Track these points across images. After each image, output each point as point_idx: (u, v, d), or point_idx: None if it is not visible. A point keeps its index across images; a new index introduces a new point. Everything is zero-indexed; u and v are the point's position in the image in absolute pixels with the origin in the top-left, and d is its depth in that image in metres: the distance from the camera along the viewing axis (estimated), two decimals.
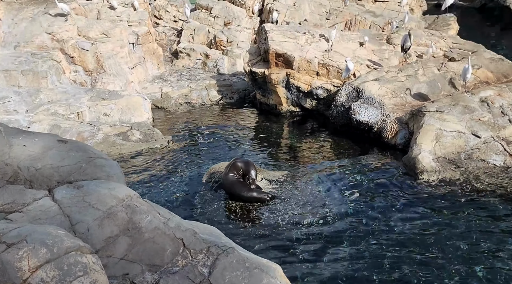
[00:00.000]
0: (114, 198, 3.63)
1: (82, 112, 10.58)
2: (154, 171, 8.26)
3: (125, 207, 3.55)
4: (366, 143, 9.25)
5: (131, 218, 3.46)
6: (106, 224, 3.40)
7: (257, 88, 12.88)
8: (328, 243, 5.47)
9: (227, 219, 6.20)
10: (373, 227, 5.78)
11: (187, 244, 3.33)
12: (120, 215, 3.47)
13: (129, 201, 3.63)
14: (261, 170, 7.66)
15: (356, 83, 9.93)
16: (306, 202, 6.53)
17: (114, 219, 3.44)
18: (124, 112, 10.85)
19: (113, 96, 11.12)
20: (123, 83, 12.96)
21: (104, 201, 3.58)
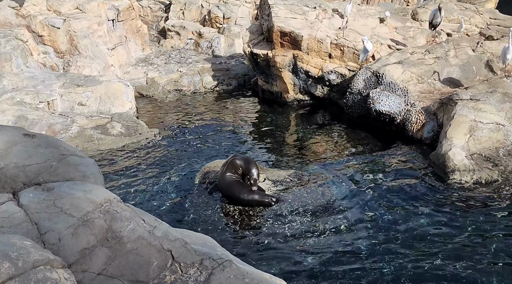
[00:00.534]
0: (90, 202, 3.60)
1: (53, 101, 10.55)
2: (138, 171, 8.26)
3: (104, 213, 3.53)
4: (387, 137, 9.24)
5: (111, 225, 3.44)
6: (81, 233, 3.38)
7: (259, 73, 12.86)
8: (342, 256, 5.45)
9: (223, 226, 6.19)
10: (395, 238, 5.77)
11: (177, 256, 3.31)
12: (97, 223, 3.45)
13: (108, 206, 3.60)
14: (264, 169, 7.65)
15: (375, 67, 9.90)
16: (317, 206, 6.53)
17: (91, 227, 3.42)
18: (102, 102, 10.83)
19: (90, 83, 11.09)
20: (101, 67, 12.94)
21: (79, 205, 3.56)
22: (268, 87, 12.71)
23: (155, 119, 11.75)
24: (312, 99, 12.05)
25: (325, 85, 11.58)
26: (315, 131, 10.33)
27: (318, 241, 5.74)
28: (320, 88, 11.71)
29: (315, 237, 5.82)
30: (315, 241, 5.73)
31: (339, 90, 11.45)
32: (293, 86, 11.99)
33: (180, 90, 13.92)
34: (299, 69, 11.62)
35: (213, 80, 14.25)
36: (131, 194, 7.27)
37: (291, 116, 11.79)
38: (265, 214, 6.39)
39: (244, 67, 14.68)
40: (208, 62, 14.94)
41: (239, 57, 15.39)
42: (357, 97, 9.95)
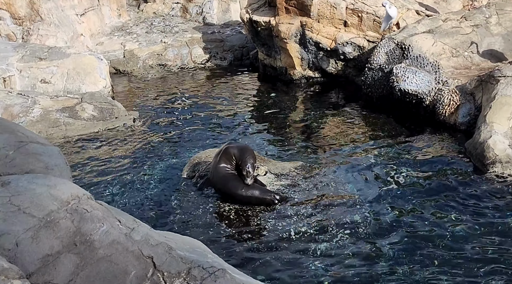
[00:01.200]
0: (55, 200, 3.56)
1: (10, 77, 10.49)
2: (114, 162, 8.25)
3: (71, 212, 3.50)
4: (413, 121, 9.23)
5: (79, 228, 3.42)
6: (44, 237, 3.34)
7: (259, 45, 12.80)
8: (358, 263, 5.45)
9: (216, 229, 6.17)
10: (422, 241, 5.76)
11: (159, 264, 3.29)
12: (63, 224, 3.42)
13: (76, 204, 3.57)
14: (265, 159, 7.64)
15: (400, 37, 9.85)
16: (329, 205, 6.51)
17: (55, 229, 3.38)
18: (70, 79, 10.79)
19: (55, 56, 11.03)
20: (68, 36, 12.87)
21: (41, 203, 3.52)
22: (271, 62, 12.65)
23: (134, 100, 11.71)
24: (323, 76, 12.01)
25: (339, 59, 11.53)
26: (327, 115, 10.30)
27: (330, 246, 5.73)
28: (333, 63, 11.66)
29: (326, 242, 5.81)
30: (327, 246, 5.73)
31: (356, 66, 11.39)
32: (301, 61, 11.94)
33: (165, 65, 13.85)
34: (308, 40, 11.56)
35: (204, 54, 14.18)
36: (104, 190, 7.25)
37: (297, 97, 11.74)
38: (266, 214, 6.38)
39: (242, 37, 14.59)
40: (198, 31, 14.86)
41: (235, 26, 15.30)
42: (378, 74, 9.92)
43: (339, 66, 11.65)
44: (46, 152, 4.32)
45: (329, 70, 11.77)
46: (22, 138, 4.39)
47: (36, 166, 4.11)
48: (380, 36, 10.84)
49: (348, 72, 11.61)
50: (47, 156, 4.27)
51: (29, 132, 4.59)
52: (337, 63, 11.63)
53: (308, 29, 11.48)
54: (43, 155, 4.26)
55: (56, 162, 4.23)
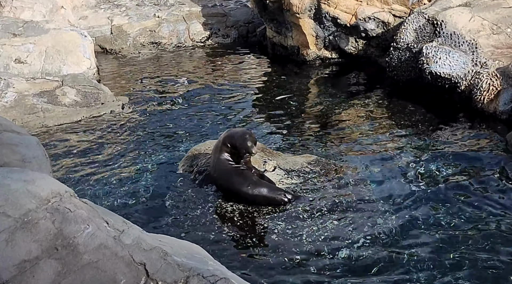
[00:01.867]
0: (33, 197, 3.59)
1: None
2: (100, 154, 8.30)
3: (51, 211, 3.52)
4: (446, 109, 9.25)
5: (61, 229, 3.43)
6: (20, 240, 3.36)
7: (267, 20, 12.78)
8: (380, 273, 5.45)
9: (218, 232, 6.18)
10: (454, 248, 5.74)
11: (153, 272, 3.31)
12: (42, 225, 3.44)
13: (57, 202, 3.59)
14: (274, 153, 7.65)
15: (431, 11, 9.83)
16: (347, 206, 6.53)
17: (33, 231, 3.41)
18: (49, 58, 10.83)
19: (32, 31, 11.09)
20: (47, 9, 12.90)
21: (17, 201, 3.54)
22: (281, 40, 12.64)
23: (123, 84, 11.73)
24: (341, 57, 12.00)
25: (360, 37, 11.52)
26: (345, 102, 10.31)
27: (348, 252, 5.74)
28: (352, 41, 11.65)
29: (344, 247, 5.82)
30: (344, 252, 5.74)
31: (379, 45, 11.37)
32: (315, 39, 11.93)
33: (158, 43, 13.87)
34: (324, 15, 11.55)
35: (204, 30, 14.17)
36: (89, 187, 7.28)
37: (312, 80, 11.73)
38: (275, 215, 6.39)
39: (248, 12, 14.58)
40: (197, 4, 14.85)
41: None
42: (405, 55, 9.92)
43: (360, 46, 11.63)
44: (22, 142, 4.34)
45: (348, 49, 11.75)
46: None
47: (11, 158, 4.14)
48: (408, 10, 10.80)
49: (370, 52, 11.58)
50: (24, 146, 4.29)
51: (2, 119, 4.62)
52: (358, 41, 11.61)
53: (324, 2, 11.45)
54: (19, 145, 4.28)
55: (34, 154, 4.26)
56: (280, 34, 12.62)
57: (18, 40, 10.84)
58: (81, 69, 10.90)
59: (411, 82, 9.87)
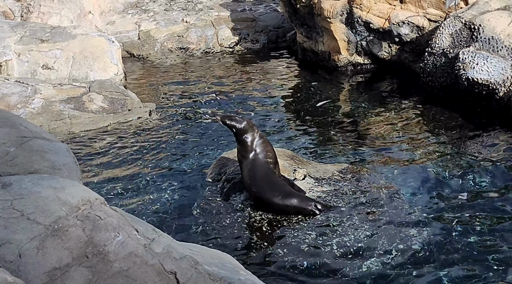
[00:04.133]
0: (63, 205, 3.61)
1: (7, 62, 10.72)
2: (126, 162, 8.36)
3: (82, 219, 3.55)
4: (483, 117, 9.16)
5: (92, 237, 3.46)
6: (51, 247, 3.38)
7: (298, 25, 12.79)
8: None
9: (246, 241, 6.22)
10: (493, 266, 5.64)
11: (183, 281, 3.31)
12: (73, 233, 3.46)
13: (87, 210, 3.62)
14: (304, 161, 7.66)
15: (468, 15, 9.76)
16: (379, 216, 6.50)
17: (64, 238, 3.43)
18: (77, 64, 10.95)
19: (59, 37, 11.21)
20: (74, 14, 13.06)
21: (47, 209, 3.57)
22: (311, 45, 12.63)
23: (150, 90, 11.82)
24: (373, 62, 11.93)
25: (394, 42, 11.45)
26: (378, 109, 10.27)
27: (380, 265, 5.70)
28: (386, 47, 11.58)
29: (375, 259, 5.78)
30: (376, 265, 5.71)
31: (413, 50, 11.29)
32: (347, 44, 11.89)
33: (186, 49, 13.94)
34: (356, 20, 11.52)
35: (232, 35, 14.21)
36: (116, 195, 7.36)
37: (343, 87, 11.70)
38: (305, 225, 6.39)
39: (277, 16, 14.59)
40: (225, 8, 14.91)
41: (270, 2, 15.31)
42: (441, 60, 9.85)
43: (393, 51, 11.55)
44: (52, 148, 4.38)
45: (381, 55, 11.69)
46: (25, 133, 4.47)
47: (41, 165, 4.17)
48: (444, 14, 10.72)
49: (403, 57, 11.50)
50: (54, 153, 4.33)
51: (32, 126, 4.68)
52: (391, 47, 11.54)
53: (356, 6, 11.41)
54: (49, 152, 4.32)
55: (64, 161, 4.29)
56: (310, 39, 12.61)
57: (46, 46, 10.98)
58: (108, 75, 10.99)
59: (447, 89, 9.78)
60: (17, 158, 4.19)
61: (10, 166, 4.12)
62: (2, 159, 4.16)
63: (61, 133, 9.18)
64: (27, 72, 10.72)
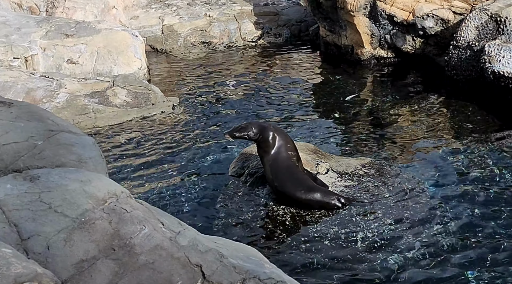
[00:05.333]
0: (89, 198, 3.65)
1: (33, 57, 10.80)
2: (150, 156, 8.43)
3: (108, 212, 3.59)
4: (509, 111, 9.07)
5: (118, 230, 3.49)
6: (78, 240, 3.43)
7: (321, 19, 12.75)
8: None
9: (269, 235, 6.24)
10: None
11: (209, 274, 3.34)
12: (99, 225, 3.50)
13: (114, 203, 3.66)
14: (327, 155, 7.65)
15: (495, 7, 9.70)
16: (402, 210, 6.48)
17: (91, 231, 3.47)
18: (101, 58, 11.04)
19: (83, 31, 11.30)
20: (99, 9, 13.14)
21: (74, 202, 3.61)
22: (334, 39, 12.60)
23: (173, 84, 11.87)
24: (397, 56, 11.88)
25: (418, 35, 11.39)
26: (402, 103, 10.23)
27: (404, 259, 5.68)
28: (410, 40, 11.52)
29: (399, 253, 5.77)
30: (400, 259, 5.69)
31: (438, 43, 11.22)
32: (371, 38, 11.85)
33: (209, 43, 13.97)
34: (380, 13, 11.47)
35: (255, 29, 14.21)
36: (140, 187, 7.42)
37: (366, 80, 11.65)
38: (327, 219, 6.40)
39: (300, 10, 14.56)
40: (248, 2, 14.91)
41: None
42: (466, 53, 9.80)
43: (417, 44, 11.49)
44: (79, 142, 4.44)
45: (404, 48, 11.63)
46: (52, 126, 4.52)
47: (68, 158, 4.22)
48: (470, 6, 10.63)
49: (428, 51, 11.44)
50: (80, 147, 4.38)
51: (59, 120, 4.74)
52: (415, 40, 11.48)
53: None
54: (76, 146, 4.38)
55: (90, 154, 4.34)
56: (333, 33, 12.57)
57: (71, 41, 11.06)
58: (132, 70, 11.05)
59: (472, 82, 9.72)
60: (44, 151, 4.24)
61: (37, 159, 4.17)
62: (30, 152, 4.21)
63: (86, 127, 9.26)
64: (52, 67, 10.82)
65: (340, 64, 12.30)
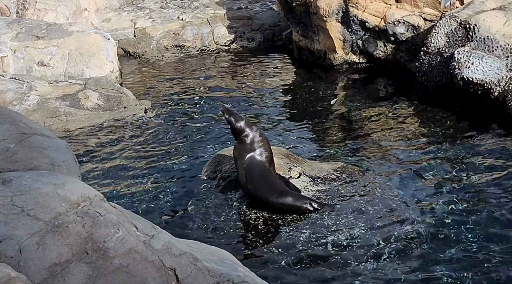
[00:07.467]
0: (63, 201, 3.66)
1: (3, 59, 10.70)
2: (122, 159, 8.39)
3: (82, 215, 3.58)
4: (478, 116, 9.16)
5: (92, 233, 3.49)
6: (51, 243, 3.42)
7: (294, 23, 12.80)
8: None
9: (241, 239, 6.25)
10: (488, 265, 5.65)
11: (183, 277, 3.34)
12: (73, 229, 3.50)
13: (87, 206, 3.66)
14: (299, 159, 7.68)
15: (464, 15, 9.77)
16: (374, 215, 6.51)
17: (64, 234, 3.47)
18: (72, 61, 10.95)
19: (55, 34, 11.20)
20: (70, 11, 13.04)
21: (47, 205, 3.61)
22: (307, 44, 12.65)
23: (146, 87, 11.82)
24: (369, 61, 11.96)
25: (389, 41, 11.47)
26: (373, 108, 10.28)
27: (375, 264, 5.72)
28: (381, 46, 11.60)
29: (371, 258, 5.81)
30: (371, 264, 5.73)
31: (409, 49, 11.32)
32: (343, 43, 11.91)
33: (182, 46, 13.94)
34: (352, 19, 11.54)
35: (228, 33, 14.22)
36: (113, 192, 7.38)
37: (338, 85, 11.71)
38: (300, 224, 6.41)
39: (273, 15, 14.60)
40: (221, 7, 14.90)
41: (266, 0, 15.31)
42: (436, 59, 9.87)
43: (389, 50, 11.57)
44: (52, 145, 4.42)
45: (376, 54, 11.71)
46: (25, 129, 4.50)
47: (41, 161, 4.20)
48: (440, 13, 10.74)
49: (399, 56, 11.53)
50: (54, 150, 4.37)
51: (32, 122, 4.71)
52: (387, 46, 11.56)
53: (352, 5, 11.43)
54: (49, 149, 4.35)
55: (63, 158, 4.33)
56: (306, 38, 12.62)
57: (42, 43, 10.95)
58: (104, 73, 10.96)
59: (442, 88, 9.78)
60: (17, 154, 4.22)
61: (10, 163, 4.15)
62: (2, 155, 4.19)
63: (57, 130, 9.17)
64: (22, 69, 10.71)
65: (313, 69, 12.34)
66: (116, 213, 3.69)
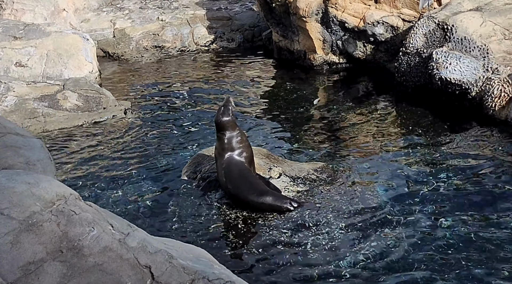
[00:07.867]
0: (37, 200, 3.64)
1: None
2: (101, 160, 8.36)
3: (56, 214, 3.57)
4: (456, 116, 9.22)
5: (66, 232, 3.48)
6: (25, 242, 3.41)
7: (273, 24, 12.83)
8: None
9: (221, 239, 6.26)
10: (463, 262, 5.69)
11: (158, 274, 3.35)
12: (47, 228, 3.49)
13: (62, 205, 3.65)
14: (280, 159, 7.70)
15: (442, 15, 9.85)
16: (354, 214, 6.54)
17: (38, 233, 3.46)
18: (51, 61, 10.89)
19: (33, 34, 11.14)
20: (48, 12, 12.97)
21: (21, 204, 3.60)
22: (287, 44, 12.68)
23: (125, 88, 11.78)
24: (349, 62, 12.01)
25: (369, 42, 11.54)
26: (353, 108, 10.33)
27: (355, 263, 5.74)
28: (361, 46, 11.66)
29: (350, 257, 5.82)
30: (350, 263, 5.75)
31: (388, 50, 11.40)
32: (323, 44, 11.96)
33: (162, 47, 13.91)
34: (332, 19, 11.58)
35: (208, 34, 14.22)
36: (90, 192, 7.35)
37: (318, 85, 11.75)
38: (280, 223, 6.43)
39: (253, 15, 14.62)
40: (201, 7, 14.90)
41: (245, 1, 15.34)
42: (415, 60, 9.93)
43: (368, 50, 11.63)
44: (26, 144, 4.40)
45: (356, 54, 11.77)
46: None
47: (15, 160, 4.18)
48: (418, 14, 10.81)
49: (378, 57, 11.60)
50: (28, 149, 4.34)
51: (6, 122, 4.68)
52: (366, 46, 11.62)
53: (331, 5, 11.47)
54: (23, 148, 4.33)
55: (38, 157, 4.31)
56: (286, 38, 12.65)
57: (19, 43, 10.89)
58: (83, 73, 10.92)
59: (420, 88, 9.85)
60: None
61: None
62: None
63: (35, 131, 9.13)
64: (0, 70, 10.63)
65: (293, 69, 12.37)
66: (91, 212, 3.68)
